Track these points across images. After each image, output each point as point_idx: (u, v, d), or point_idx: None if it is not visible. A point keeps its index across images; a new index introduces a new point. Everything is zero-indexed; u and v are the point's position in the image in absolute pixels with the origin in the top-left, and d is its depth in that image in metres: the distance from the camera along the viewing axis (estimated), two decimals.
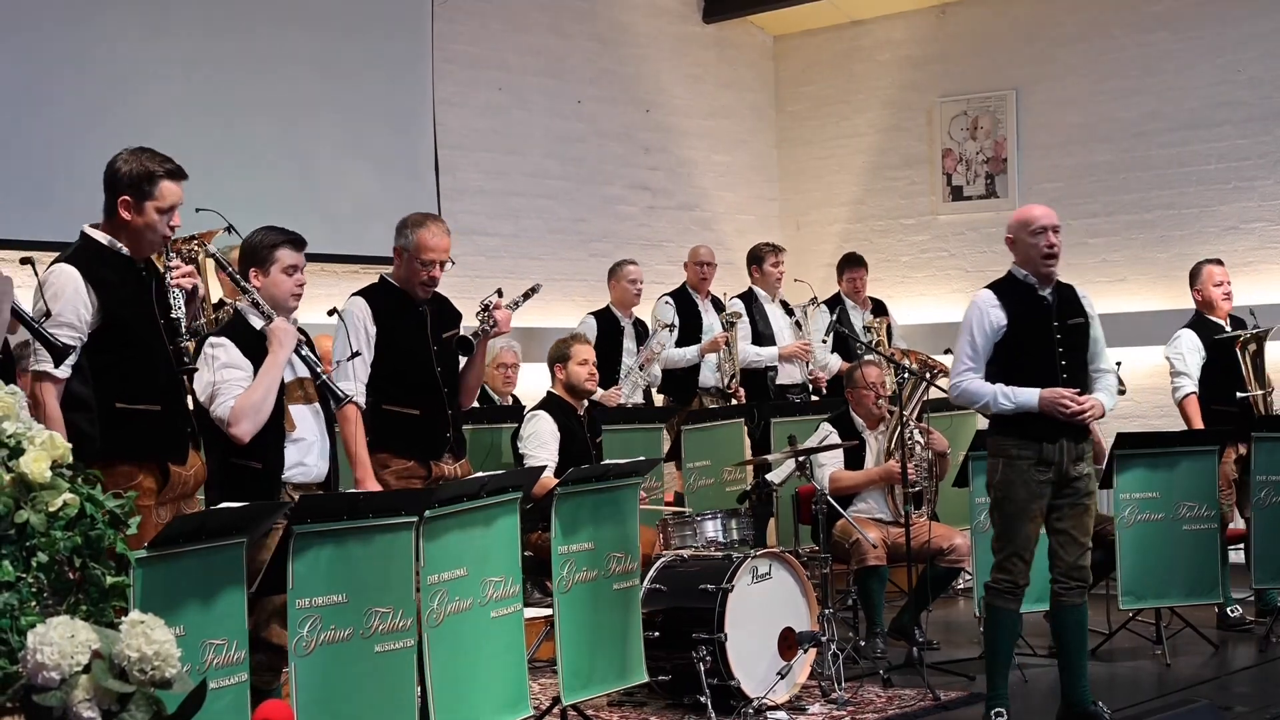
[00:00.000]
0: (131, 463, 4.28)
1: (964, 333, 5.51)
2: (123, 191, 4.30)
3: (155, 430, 4.34)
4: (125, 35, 7.67)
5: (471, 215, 9.18)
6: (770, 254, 9.13)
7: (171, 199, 4.33)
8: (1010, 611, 5.48)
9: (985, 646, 5.65)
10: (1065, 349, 5.44)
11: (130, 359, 4.31)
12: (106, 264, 4.32)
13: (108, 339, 4.27)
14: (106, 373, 4.28)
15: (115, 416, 4.28)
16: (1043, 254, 5.44)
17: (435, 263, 5.54)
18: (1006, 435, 5.42)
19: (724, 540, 6.30)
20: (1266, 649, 6.91)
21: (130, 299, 4.34)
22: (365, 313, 5.51)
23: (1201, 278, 7.70)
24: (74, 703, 2.91)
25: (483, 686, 4.83)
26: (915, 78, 10.73)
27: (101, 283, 4.27)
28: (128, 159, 4.33)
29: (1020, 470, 5.36)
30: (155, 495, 4.32)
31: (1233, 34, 9.50)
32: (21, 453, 3.19)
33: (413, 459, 5.52)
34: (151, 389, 4.35)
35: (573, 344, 6.82)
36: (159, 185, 4.31)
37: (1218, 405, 7.48)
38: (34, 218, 7.05)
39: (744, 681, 5.71)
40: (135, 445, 4.30)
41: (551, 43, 9.88)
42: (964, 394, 5.50)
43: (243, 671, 3.94)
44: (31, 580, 3.10)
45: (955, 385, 5.52)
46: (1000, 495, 5.42)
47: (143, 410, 4.31)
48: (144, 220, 4.31)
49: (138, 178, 4.29)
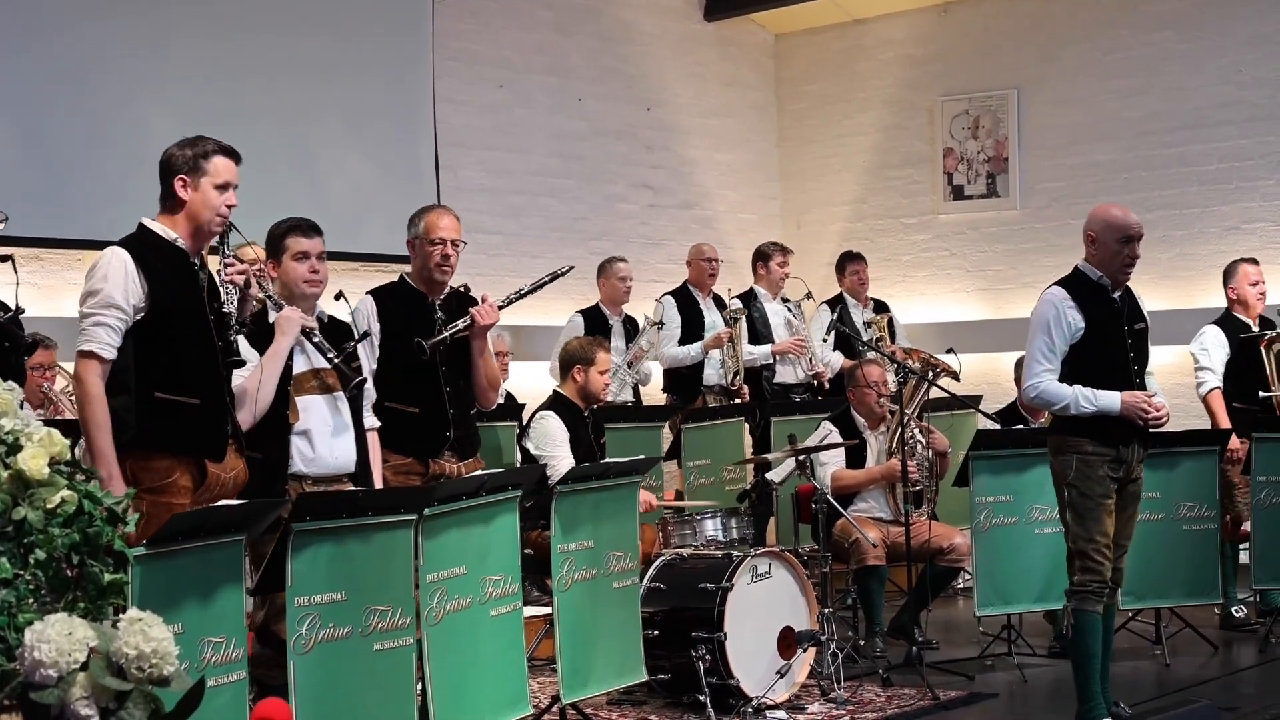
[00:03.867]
0: (168, 456, 4.28)
1: (1039, 332, 5.36)
2: (178, 171, 4.37)
3: (193, 424, 4.34)
4: (127, 35, 7.67)
5: (472, 213, 9.16)
6: (777, 253, 9.13)
7: (226, 174, 4.38)
8: (1096, 614, 5.34)
9: (1076, 655, 5.37)
10: (1134, 353, 5.42)
11: (174, 350, 4.33)
12: (159, 253, 4.35)
13: (154, 328, 4.29)
14: (150, 361, 4.30)
15: (154, 406, 4.29)
16: (1125, 262, 5.37)
17: (445, 241, 5.59)
18: (1080, 434, 5.33)
19: (724, 539, 6.30)
20: (1266, 649, 6.90)
21: (180, 291, 4.36)
22: (371, 309, 5.60)
23: (1237, 276, 7.72)
24: (71, 700, 2.91)
25: (482, 685, 4.83)
26: (916, 77, 10.73)
27: (152, 271, 4.30)
28: (180, 145, 4.42)
29: (1094, 467, 5.31)
30: (191, 494, 4.32)
31: (1235, 35, 9.49)
32: (19, 449, 3.19)
33: (410, 456, 5.54)
34: (193, 382, 4.36)
35: (597, 350, 6.71)
36: (213, 160, 4.37)
37: (1239, 403, 7.51)
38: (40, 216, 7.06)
39: (743, 680, 5.71)
40: (171, 437, 4.30)
41: (553, 41, 9.88)
42: (1042, 395, 5.35)
43: (241, 669, 3.93)
44: (29, 577, 3.10)
45: (1033, 386, 5.35)
46: (1077, 491, 5.32)
47: (181, 402, 4.31)
48: (201, 197, 4.36)
49: (192, 156, 4.36)
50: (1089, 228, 5.43)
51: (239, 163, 4.45)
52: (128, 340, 4.27)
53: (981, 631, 7.01)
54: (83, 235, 7.09)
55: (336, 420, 4.95)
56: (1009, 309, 10.23)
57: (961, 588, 8.14)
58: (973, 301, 10.51)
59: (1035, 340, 5.39)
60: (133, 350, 4.27)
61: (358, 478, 4.99)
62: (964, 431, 7.83)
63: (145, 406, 4.28)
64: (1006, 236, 10.37)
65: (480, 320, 5.57)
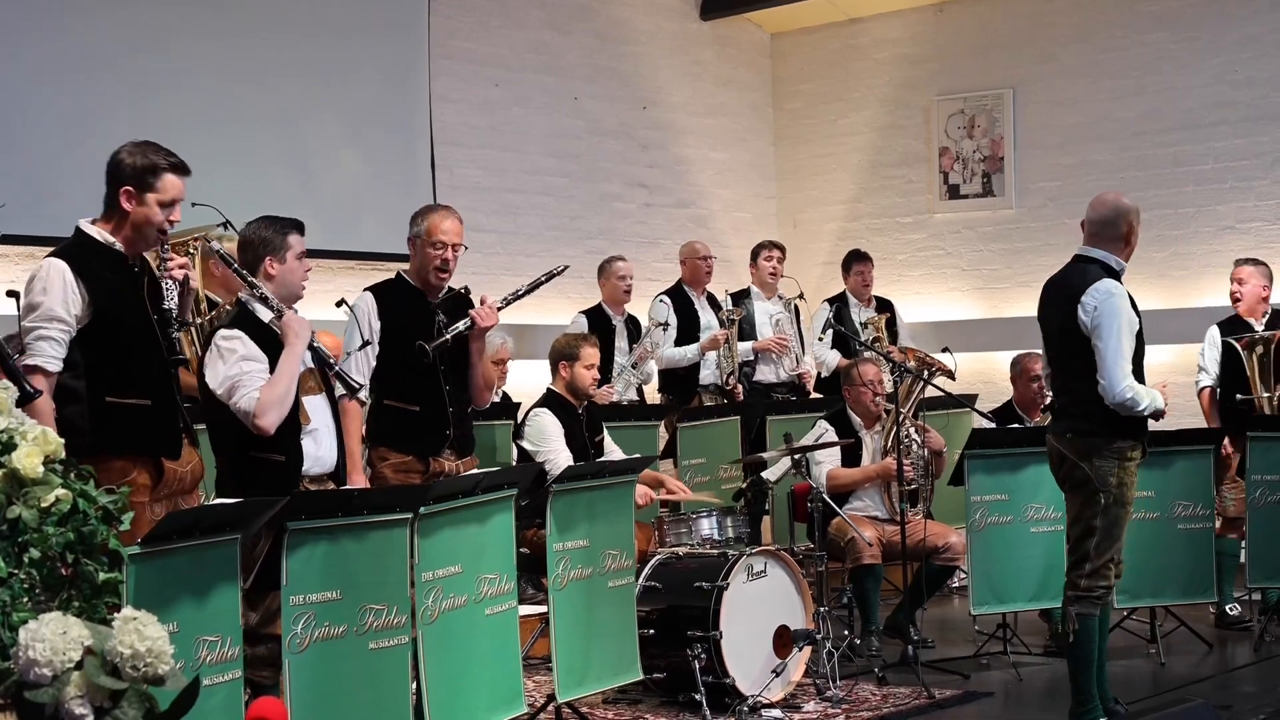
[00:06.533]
0: (124, 458, 4.28)
1: (1121, 329, 5.09)
2: (125, 182, 4.31)
3: (146, 424, 4.34)
4: (124, 34, 7.66)
5: (468, 212, 9.08)
6: (764, 249, 9.16)
7: (173, 192, 4.34)
8: (1096, 618, 5.29)
9: (1077, 658, 5.27)
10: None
11: (120, 353, 4.31)
12: (98, 258, 4.32)
13: (98, 333, 4.27)
14: (97, 367, 4.28)
15: (106, 410, 4.28)
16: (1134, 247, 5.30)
17: (446, 245, 5.60)
18: (1125, 438, 5.18)
19: (719, 538, 6.30)
20: (1261, 648, 6.91)
21: (121, 294, 4.34)
22: (371, 306, 5.60)
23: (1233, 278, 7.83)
24: (66, 699, 2.91)
25: (477, 684, 4.83)
26: (912, 76, 10.73)
27: (92, 276, 4.26)
28: (132, 151, 4.34)
29: (1130, 473, 5.22)
30: (150, 491, 4.33)
31: (1230, 34, 9.50)
32: (14, 448, 3.18)
33: (411, 454, 5.56)
34: (142, 384, 4.35)
35: (582, 344, 6.74)
36: (162, 178, 4.32)
37: (1230, 403, 7.60)
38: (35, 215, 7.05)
39: (739, 679, 5.71)
40: (127, 440, 4.30)
41: (549, 39, 9.88)
42: (1136, 396, 5.08)
43: (236, 669, 3.93)
44: (24, 576, 3.09)
45: (1129, 387, 5.06)
46: (1115, 499, 5.19)
47: (133, 404, 4.31)
48: (144, 212, 4.31)
49: (141, 169, 4.30)
50: (1122, 219, 5.24)
51: (189, 175, 4.40)
52: (74, 349, 4.24)
53: (977, 630, 7.02)
54: None
55: (331, 420, 4.96)
56: (1004, 308, 10.23)
57: (957, 586, 8.15)
58: (968, 301, 10.51)
59: (1118, 338, 5.09)
60: (80, 358, 4.25)
61: (338, 477, 4.99)
62: (959, 430, 7.83)
63: (98, 412, 4.26)
64: (1002, 236, 10.37)
65: (481, 322, 5.58)
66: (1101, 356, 5.13)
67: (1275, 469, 7.12)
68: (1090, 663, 5.30)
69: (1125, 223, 5.28)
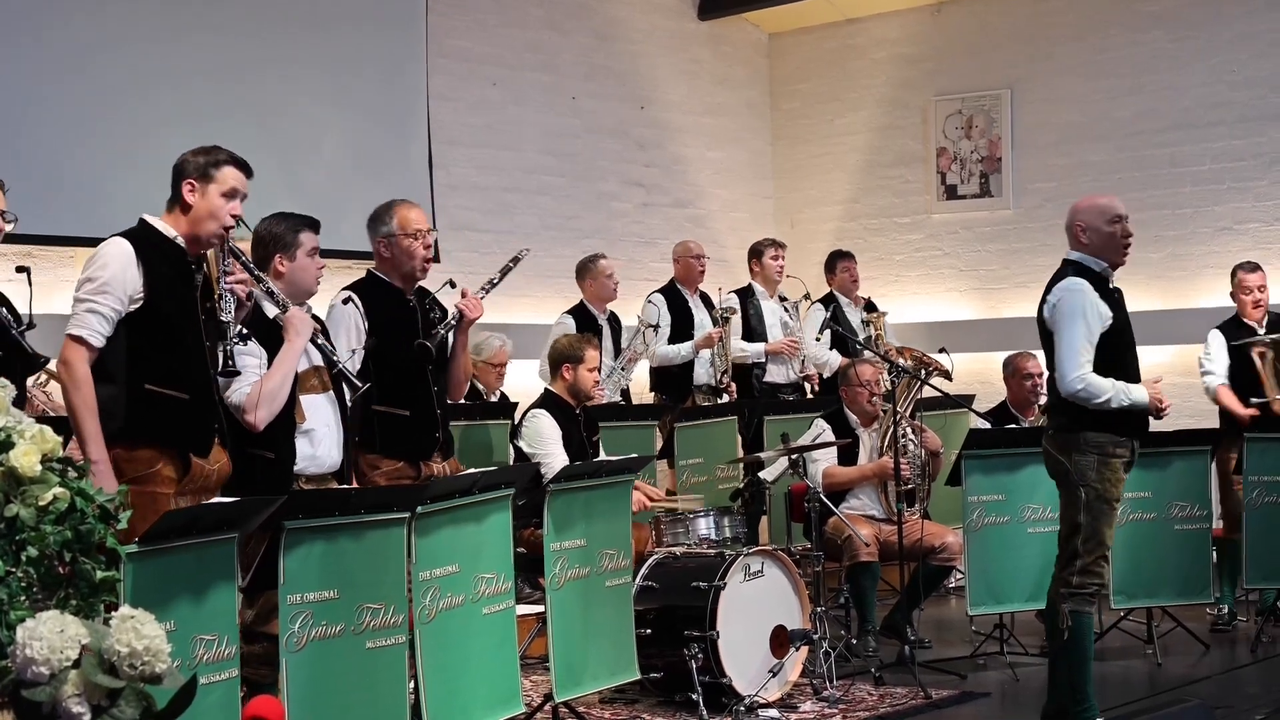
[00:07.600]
0: (153, 447, 4.28)
1: (1075, 320, 5.15)
2: (188, 176, 4.41)
3: (181, 418, 4.34)
4: (123, 36, 7.65)
5: (465, 211, 9.17)
6: (769, 248, 9.13)
7: (234, 182, 4.42)
8: (1092, 615, 5.29)
9: (1073, 658, 5.25)
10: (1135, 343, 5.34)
11: (166, 344, 4.33)
12: (158, 249, 4.37)
13: (148, 320, 4.30)
14: (140, 354, 4.30)
15: (143, 397, 4.29)
16: (1123, 242, 5.27)
17: (425, 231, 5.54)
18: (1102, 432, 5.18)
19: (716, 538, 6.30)
20: (1258, 648, 6.91)
21: (176, 289, 4.37)
22: (358, 310, 5.44)
23: (1234, 283, 7.81)
24: (63, 698, 2.90)
25: (474, 683, 4.83)
26: (910, 76, 10.73)
27: (151, 265, 4.31)
28: (194, 151, 4.47)
29: (1114, 469, 5.21)
30: (175, 484, 4.32)
31: (1227, 34, 9.50)
32: (11, 446, 3.18)
33: (402, 459, 5.43)
34: (184, 377, 4.36)
35: (585, 347, 6.64)
36: (222, 169, 4.41)
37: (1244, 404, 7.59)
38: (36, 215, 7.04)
39: (736, 679, 5.71)
40: (159, 430, 4.30)
41: (546, 38, 9.87)
42: (1089, 388, 5.11)
43: (233, 667, 3.93)
44: (21, 575, 3.09)
45: (1080, 377, 5.11)
46: (1098, 493, 5.18)
47: (171, 396, 4.32)
48: (206, 202, 4.38)
49: (204, 163, 4.42)
50: (1076, 220, 5.34)
51: (250, 175, 4.49)
52: (119, 331, 4.27)
53: (973, 630, 7.03)
54: (75, 233, 7.06)
55: (335, 420, 4.94)
56: (1002, 309, 10.24)
57: (954, 587, 8.15)
58: (966, 301, 10.51)
59: (1072, 329, 5.16)
60: (124, 341, 4.28)
61: (342, 477, 4.98)
62: (956, 431, 7.83)
63: (134, 397, 4.28)
64: (999, 236, 10.38)
65: (469, 314, 5.51)
66: (1056, 349, 5.23)
67: (1272, 470, 7.13)
68: (1086, 661, 5.29)
69: (1075, 224, 5.36)
